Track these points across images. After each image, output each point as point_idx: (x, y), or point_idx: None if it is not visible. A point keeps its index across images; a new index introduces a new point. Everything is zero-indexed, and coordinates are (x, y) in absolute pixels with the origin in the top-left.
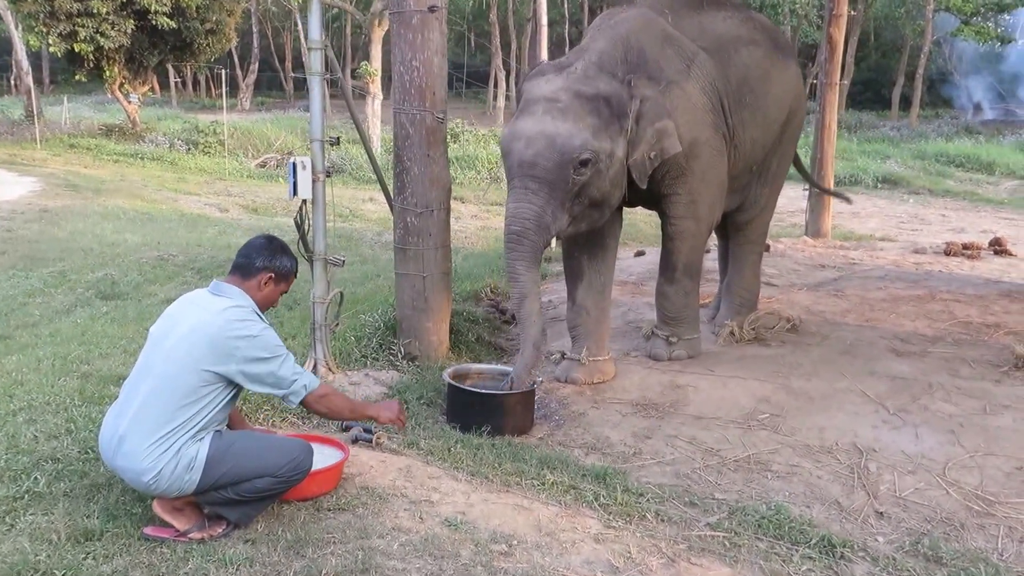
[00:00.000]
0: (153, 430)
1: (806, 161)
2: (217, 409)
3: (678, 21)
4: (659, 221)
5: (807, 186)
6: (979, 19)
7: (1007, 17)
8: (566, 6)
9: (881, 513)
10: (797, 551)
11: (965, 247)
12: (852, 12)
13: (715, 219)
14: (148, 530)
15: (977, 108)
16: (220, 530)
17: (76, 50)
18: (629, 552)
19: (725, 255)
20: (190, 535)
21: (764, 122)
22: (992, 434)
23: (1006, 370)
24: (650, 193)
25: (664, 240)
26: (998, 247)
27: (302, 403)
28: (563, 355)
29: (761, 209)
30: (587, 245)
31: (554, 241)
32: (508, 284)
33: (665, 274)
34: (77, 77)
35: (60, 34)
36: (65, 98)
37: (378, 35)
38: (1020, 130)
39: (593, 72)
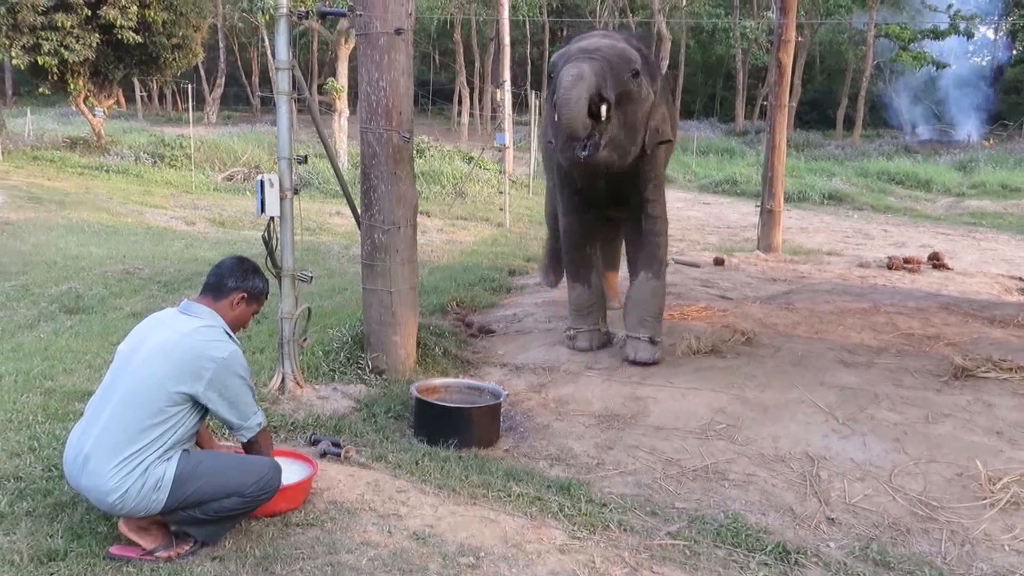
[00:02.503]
0: (119, 449)
1: (758, 178)
2: (185, 428)
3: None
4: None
5: (759, 202)
6: (916, 45)
7: (941, 44)
8: (528, 27)
9: (832, 519)
10: (754, 558)
11: (906, 261)
12: (799, 37)
13: None
14: (113, 549)
15: (914, 129)
16: (187, 548)
17: (40, 63)
18: (593, 562)
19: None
20: (157, 554)
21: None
22: (934, 442)
23: (946, 380)
24: (632, 192)
25: (647, 238)
26: (936, 261)
27: (246, 440)
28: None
29: None
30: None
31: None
32: (565, 69)
33: (651, 268)
34: (41, 90)
35: (23, 47)
36: (28, 110)
37: (344, 52)
38: (954, 150)
39: (633, 40)
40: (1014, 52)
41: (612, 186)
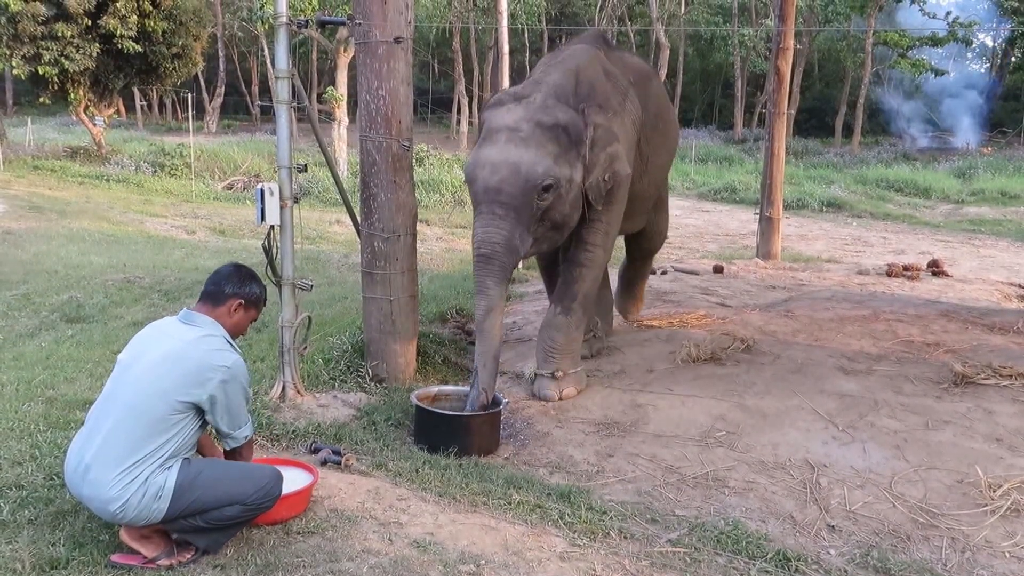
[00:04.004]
0: (120, 459)
1: (756, 186)
2: (186, 438)
3: (608, 55)
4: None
5: (758, 210)
6: (915, 52)
7: (940, 51)
8: (526, 35)
9: (832, 527)
10: (754, 565)
11: (905, 268)
12: (798, 45)
13: (611, 253)
14: (115, 558)
15: (912, 136)
16: (189, 556)
17: (40, 73)
18: (594, 570)
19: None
20: (158, 562)
21: (668, 147)
22: (934, 449)
23: (946, 387)
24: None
25: (570, 268)
26: (935, 268)
27: (230, 448)
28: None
29: (658, 233)
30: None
31: (521, 263)
32: (476, 297)
33: (562, 303)
34: (41, 100)
35: (24, 57)
36: (29, 120)
37: (344, 61)
38: (953, 157)
39: (551, 102)
40: (1013, 59)
41: None
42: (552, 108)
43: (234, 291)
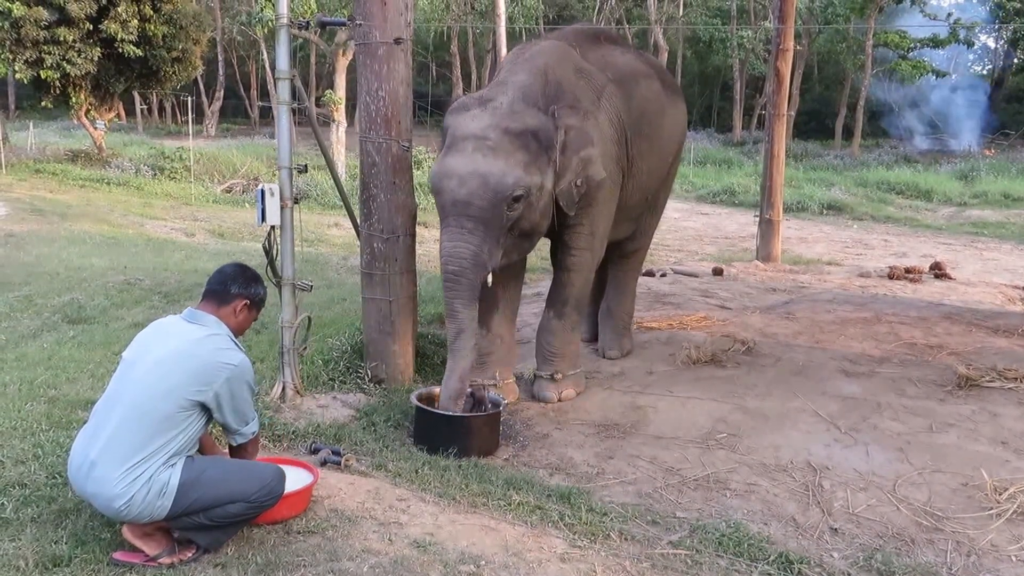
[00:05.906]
0: (126, 457)
1: (756, 188)
2: (191, 435)
3: (585, 53)
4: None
5: (757, 212)
6: (916, 54)
7: (941, 52)
8: (524, 38)
9: (835, 529)
10: (756, 568)
11: (907, 271)
12: (797, 47)
13: (603, 253)
14: (117, 555)
15: (913, 138)
16: (190, 555)
17: (42, 77)
18: (594, 571)
19: (601, 282)
20: (160, 560)
21: (659, 153)
22: (938, 451)
23: (950, 389)
24: (556, 223)
25: (559, 272)
26: (938, 271)
27: (237, 444)
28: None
29: (647, 237)
30: (501, 276)
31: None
32: (446, 319)
33: (554, 308)
34: (43, 103)
35: (26, 61)
36: (31, 124)
37: (342, 64)
38: (955, 159)
39: (519, 107)
40: (1015, 60)
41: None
42: (520, 113)
43: (240, 291)
